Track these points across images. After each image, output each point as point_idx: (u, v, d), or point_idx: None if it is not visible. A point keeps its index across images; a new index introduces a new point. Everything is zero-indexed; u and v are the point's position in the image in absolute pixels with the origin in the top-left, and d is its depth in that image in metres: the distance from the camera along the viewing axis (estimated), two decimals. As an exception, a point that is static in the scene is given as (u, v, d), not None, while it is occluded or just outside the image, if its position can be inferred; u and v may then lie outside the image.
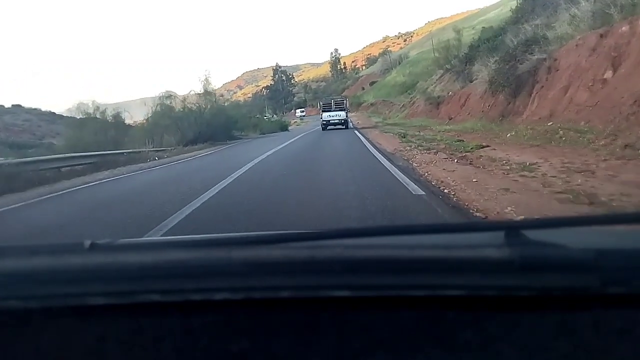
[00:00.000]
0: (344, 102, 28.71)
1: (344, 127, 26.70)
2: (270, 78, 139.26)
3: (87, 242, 0.69)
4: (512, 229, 0.63)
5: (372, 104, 66.76)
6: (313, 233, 0.70)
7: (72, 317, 0.66)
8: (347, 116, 27.56)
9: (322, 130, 26.63)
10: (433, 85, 30.40)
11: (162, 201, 6.19)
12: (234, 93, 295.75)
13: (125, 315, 0.66)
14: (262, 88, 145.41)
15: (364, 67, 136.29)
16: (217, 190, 6.68)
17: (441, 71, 31.47)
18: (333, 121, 26.98)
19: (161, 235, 4.13)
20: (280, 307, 0.64)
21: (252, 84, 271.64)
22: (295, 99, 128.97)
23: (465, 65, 25.51)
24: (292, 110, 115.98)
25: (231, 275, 0.64)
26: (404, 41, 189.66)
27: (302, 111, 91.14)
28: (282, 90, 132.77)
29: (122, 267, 0.67)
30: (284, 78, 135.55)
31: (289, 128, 45.54)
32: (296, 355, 0.61)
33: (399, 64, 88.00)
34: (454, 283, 0.60)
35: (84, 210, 6.60)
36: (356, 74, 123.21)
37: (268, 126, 38.98)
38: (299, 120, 74.08)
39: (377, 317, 0.62)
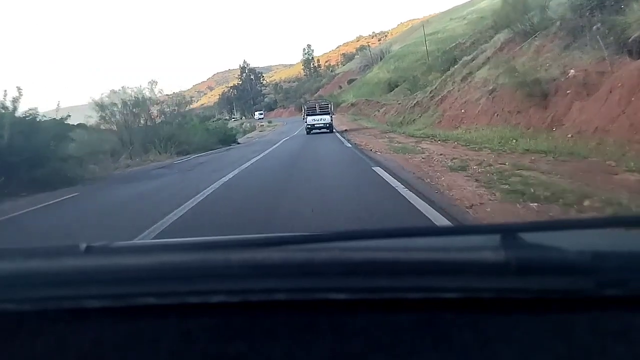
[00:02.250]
0: (329, 106, 26.65)
1: (329, 131, 24.69)
2: (238, 77, 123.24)
3: (83, 245, 0.67)
4: (508, 232, 0.61)
5: (353, 104, 54.55)
6: (310, 236, 0.68)
7: (67, 321, 0.64)
8: (331, 120, 25.60)
9: (307, 134, 25.03)
10: (481, 67, 16.22)
11: None
12: (204, 94, 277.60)
13: (122, 318, 0.63)
14: (229, 88, 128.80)
15: (340, 65, 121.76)
16: None
17: (499, 37, 17.29)
18: (318, 125, 25.29)
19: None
20: (278, 310, 0.62)
21: (222, 85, 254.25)
22: (265, 99, 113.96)
23: (592, 14, 11.44)
24: (262, 111, 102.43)
25: (228, 278, 0.62)
26: (379, 40, 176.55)
27: (261, 113, 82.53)
28: (250, 90, 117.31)
29: (118, 269, 0.65)
30: (252, 77, 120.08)
31: (248, 136, 30.49)
32: (293, 357, 0.58)
33: (381, 59, 74.62)
34: (450, 285, 0.59)
35: None
36: (332, 71, 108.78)
37: (200, 138, 21.72)
38: (265, 124, 59.71)
39: (374, 320, 0.60)
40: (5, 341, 0.63)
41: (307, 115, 25.95)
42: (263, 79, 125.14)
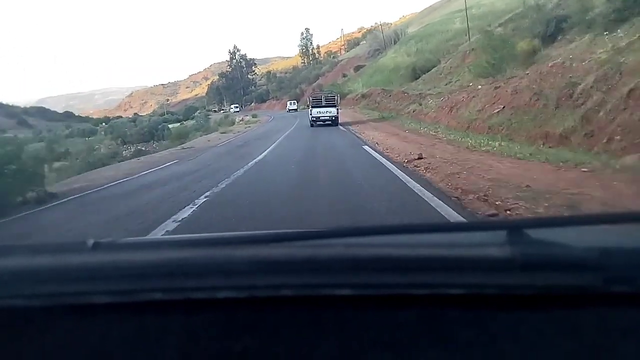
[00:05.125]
0: (335, 98, 23.60)
1: (334, 124, 21.88)
2: (228, 64, 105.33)
3: (90, 241, 0.67)
4: (514, 228, 0.60)
5: (363, 96, 39.40)
6: (315, 232, 0.67)
7: (75, 316, 0.63)
8: (337, 113, 22.74)
9: (311, 126, 22.70)
10: None
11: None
12: (199, 85, 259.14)
13: (128, 313, 0.63)
14: (218, 76, 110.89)
15: (343, 50, 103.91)
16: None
17: None
18: (323, 117, 22.85)
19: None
20: (283, 306, 0.61)
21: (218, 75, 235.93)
22: (259, 90, 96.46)
23: None
24: (253, 103, 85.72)
25: (233, 274, 0.61)
26: (383, 30, 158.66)
27: (237, 107, 78.62)
28: (240, 79, 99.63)
29: (124, 265, 0.64)
30: (243, 64, 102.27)
31: (186, 146, 14.90)
32: (298, 353, 0.57)
33: (395, 42, 57.57)
34: (455, 282, 0.57)
35: None
36: (333, 58, 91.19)
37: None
38: (248, 118, 43.36)
39: (379, 316, 0.59)
40: (13, 337, 0.62)
41: (312, 107, 23.69)
42: (255, 67, 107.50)
